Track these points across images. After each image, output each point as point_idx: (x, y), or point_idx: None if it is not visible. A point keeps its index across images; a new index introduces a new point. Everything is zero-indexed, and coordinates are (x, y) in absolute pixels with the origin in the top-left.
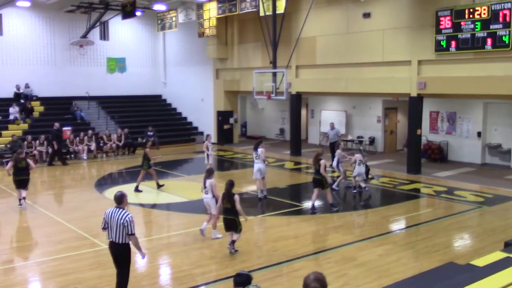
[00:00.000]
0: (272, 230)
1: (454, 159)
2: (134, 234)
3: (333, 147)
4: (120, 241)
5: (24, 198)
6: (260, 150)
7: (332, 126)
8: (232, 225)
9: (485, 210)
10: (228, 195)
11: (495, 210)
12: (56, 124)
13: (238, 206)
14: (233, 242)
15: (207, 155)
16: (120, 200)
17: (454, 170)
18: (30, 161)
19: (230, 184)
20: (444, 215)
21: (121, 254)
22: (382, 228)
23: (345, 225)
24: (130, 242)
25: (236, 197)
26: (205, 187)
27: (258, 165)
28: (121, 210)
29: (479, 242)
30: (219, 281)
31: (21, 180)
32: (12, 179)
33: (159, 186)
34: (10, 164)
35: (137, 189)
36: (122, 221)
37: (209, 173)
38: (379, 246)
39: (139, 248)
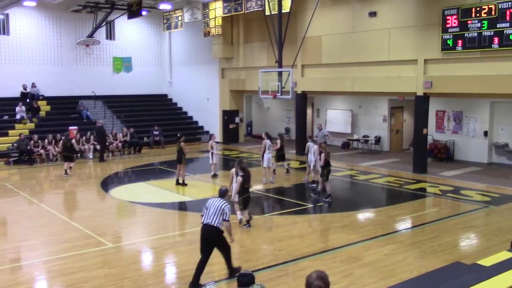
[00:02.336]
0: (278, 229)
1: (461, 159)
2: (229, 221)
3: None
4: (215, 224)
5: (70, 168)
6: (269, 142)
7: (320, 128)
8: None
9: (492, 209)
10: (248, 177)
11: (502, 209)
12: (100, 121)
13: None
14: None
15: (212, 154)
16: (224, 194)
17: (460, 169)
18: (74, 142)
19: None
20: (450, 215)
21: (212, 235)
22: (387, 228)
23: (351, 225)
24: (222, 228)
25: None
26: (239, 176)
27: (268, 155)
28: (222, 200)
29: (485, 242)
30: (224, 281)
31: (66, 156)
32: (61, 155)
33: (180, 183)
34: (61, 144)
35: (183, 183)
36: (222, 207)
37: (240, 165)
38: (384, 246)
39: (230, 233)
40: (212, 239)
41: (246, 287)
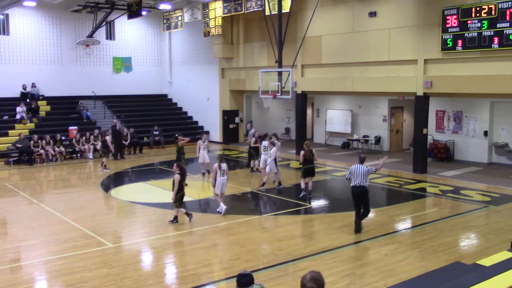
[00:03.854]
0: (278, 229)
1: (461, 159)
2: (375, 171)
3: (253, 150)
4: (363, 184)
5: (102, 163)
6: (267, 142)
7: (249, 128)
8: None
9: (492, 209)
10: (184, 175)
11: (502, 209)
12: (114, 121)
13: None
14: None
15: (200, 153)
16: (364, 160)
17: (460, 169)
18: (108, 138)
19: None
20: (451, 215)
21: (361, 193)
22: (388, 228)
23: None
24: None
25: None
26: (222, 170)
27: (265, 156)
28: (362, 165)
29: (485, 242)
30: (225, 280)
31: (103, 151)
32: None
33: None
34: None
35: None
36: (366, 170)
37: (221, 159)
38: (385, 246)
39: (380, 166)
40: (361, 196)
41: (245, 287)
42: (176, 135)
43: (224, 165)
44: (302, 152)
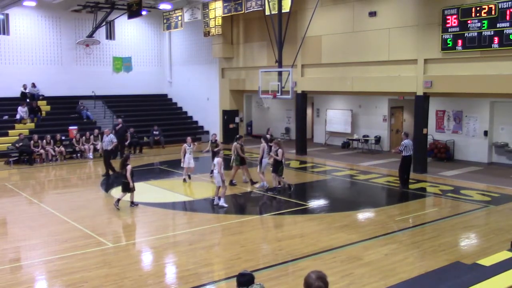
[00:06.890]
0: (278, 229)
1: (461, 158)
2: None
3: (108, 154)
4: (412, 154)
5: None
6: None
7: (108, 133)
8: None
9: (492, 209)
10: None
11: (502, 209)
12: (119, 120)
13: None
14: None
15: (183, 157)
16: (407, 135)
17: (460, 169)
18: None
19: None
20: (451, 215)
21: (411, 160)
22: (388, 227)
23: (351, 224)
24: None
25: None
26: (213, 164)
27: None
28: (410, 140)
29: (485, 242)
30: (225, 280)
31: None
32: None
33: (252, 183)
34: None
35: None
36: (412, 143)
37: (216, 154)
38: (385, 246)
39: None
40: (411, 161)
41: (245, 287)
42: (237, 136)
43: (216, 160)
44: (280, 151)
